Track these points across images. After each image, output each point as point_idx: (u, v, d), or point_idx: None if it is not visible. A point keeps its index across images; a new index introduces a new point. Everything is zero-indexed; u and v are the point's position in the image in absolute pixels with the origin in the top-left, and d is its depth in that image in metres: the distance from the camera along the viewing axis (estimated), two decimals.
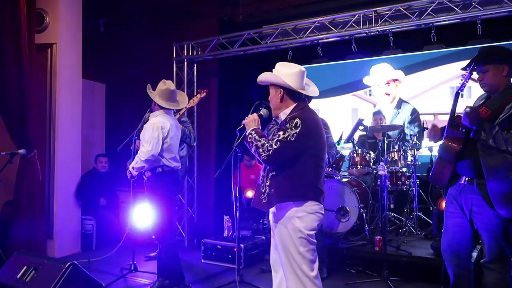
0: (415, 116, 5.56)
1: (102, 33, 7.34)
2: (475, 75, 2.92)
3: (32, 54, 5.05)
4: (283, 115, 2.85)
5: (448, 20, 5.06)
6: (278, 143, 2.64)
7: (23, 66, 4.84)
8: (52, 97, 5.49)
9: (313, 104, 6.07)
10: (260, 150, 2.67)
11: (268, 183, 2.77)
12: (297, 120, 2.66)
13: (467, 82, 2.84)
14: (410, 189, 5.05)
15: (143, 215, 4.81)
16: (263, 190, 2.79)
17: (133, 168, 3.91)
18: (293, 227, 2.69)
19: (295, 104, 2.83)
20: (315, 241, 2.76)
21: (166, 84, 4.00)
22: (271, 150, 2.63)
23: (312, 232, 2.73)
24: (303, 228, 2.68)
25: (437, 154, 3.03)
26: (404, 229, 4.97)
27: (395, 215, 5.22)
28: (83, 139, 5.97)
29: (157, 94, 3.98)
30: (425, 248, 4.40)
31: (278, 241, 2.79)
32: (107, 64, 7.58)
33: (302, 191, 2.71)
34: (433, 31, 5.08)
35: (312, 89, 3.00)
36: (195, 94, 6.47)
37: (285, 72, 2.80)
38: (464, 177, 2.86)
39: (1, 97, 4.90)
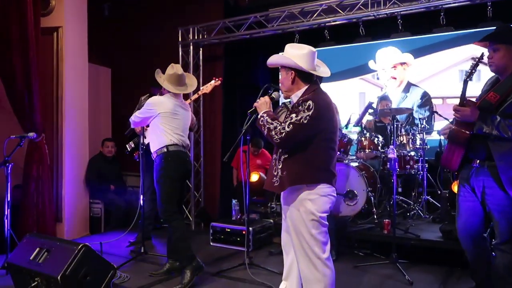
0: (425, 100, 5.52)
1: (107, 17, 7.30)
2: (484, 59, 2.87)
3: (38, 38, 5.02)
4: (294, 97, 2.83)
5: (458, 2, 4.97)
6: (291, 125, 2.62)
7: (29, 50, 4.80)
8: (58, 81, 5.48)
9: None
10: (273, 132, 2.66)
11: (280, 166, 2.77)
12: (310, 102, 2.65)
13: (475, 71, 2.82)
14: (419, 172, 5.04)
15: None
16: (275, 173, 2.79)
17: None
18: (305, 210, 2.69)
19: (307, 86, 2.81)
20: (327, 223, 2.77)
21: (174, 69, 3.98)
22: (284, 133, 2.63)
23: (324, 215, 2.73)
24: (315, 210, 2.68)
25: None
26: (412, 213, 4.98)
27: (403, 198, 5.23)
28: (89, 123, 5.97)
29: (165, 79, 3.96)
30: (433, 232, 4.41)
31: (290, 223, 2.80)
32: (112, 48, 7.55)
33: (314, 174, 2.71)
34: (442, 14, 5.01)
35: (323, 70, 2.98)
36: (200, 78, 6.46)
37: (296, 54, 2.78)
38: (475, 160, 2.87)
39: (8, 81, 4.88)
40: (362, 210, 4.90)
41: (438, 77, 5.70)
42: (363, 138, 5.00)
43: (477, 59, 2.81)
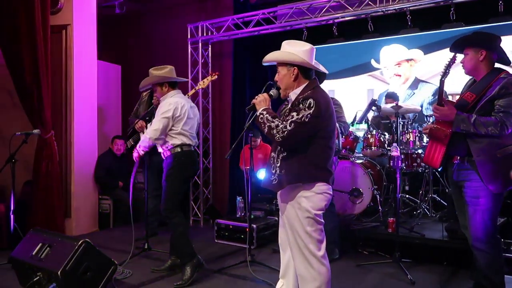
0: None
1: (118, 14, 7.35)
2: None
3: (47, 36, 5.11)
4: (293, 94, 2.80)
5: None
6: (293, 124, 2.59)
7: (37, 48, 4.88)
8: (67, 79, 5.56)
9: (328, 85, 6.12)
10: (274, 131, 2.63)
11: (278, 164, 2.75)
12: (311, 100, 2.61)
13: (449, 71, 2.98)
14: (426, 171, 4.97)
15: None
16: (274, 171, 2.78)
17: (139, 147, 3.91)
18: (300, 207, 2.68)
19: (306, 83, 2.78)
20: (322, 221, 2.75)
21: (165, 67, 4.03)
22: (286, 132, 2.59)
23: (320, 212, 2.71)
24: (310, 208, 2.66)
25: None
26: (419, 211, 4.91)
27: (409, 197, 5.16)
28: (99, 121, 6.05)
29: (169, 74, 3.97)
30: (439, 231, 4.34)
31: (286, 220, 2.79)
32: (122, 45, 7.63)
33: (312, 173, 2.68)
34: (452, 9, 4.92)
35: (321, 67, 2.96)
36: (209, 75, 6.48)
37: (298, 50, 2.75)
38: (456, 157, 2.99)
39: (18, 79, 4.98)
40: (367, 208, 4.86)
41: (455, 72, 5.56)
42: (369, 136, 4.94)
43: (449, 60, 2.97)
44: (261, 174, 5.66)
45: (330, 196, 2.77)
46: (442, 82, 2.99)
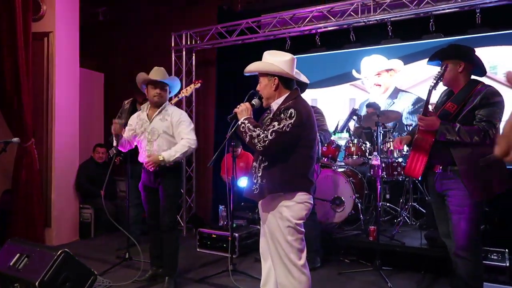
0: (419, 106, 5.51)
1: (101, 22, 7.33)
2: None
3: (28, 43, 5.06)
4: (275, 104, 2.83)
5: (447, 8, 5.01)
6: (274, 133, 2.62)
7: (18, 55, 4.84)
8: (49, 86, 5.50)
9: (311, 94, 6.17)
10: (255, 140, 2.65)
11: (260, 174, 2.77)
12: (292, 110, 2.64)
13: (440, 81, 3.01)
14: (406, 179, 5.03)
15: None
16: (255, 181, 2.79)
17: (175, 156, 3.68)
18: (281, 216, 2.69)
19: (288, 93, 2.81)
20: (303, 230, 2.77)
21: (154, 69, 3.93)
22: (267, 141, 2.61)
23: (300, 221, 2.73)
24: (291, 217, 2.68)
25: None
26: (399, 219, 4.97)
27: (390, 205, 5.21)
28: (81, 129, 5.98)
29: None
30: (419, 238, 4.39)
31: (267, 230, 2.80)
32: (106, 53, 7.59)
33: (293, 182, 2.71)
34: (431, 20, 5.03)
35: (302, 77, 3.00)
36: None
37: (279, 60, 2.78)
38: (438, 166, 3.03)
39: None
40: (349, 216, 4.90)
41: (428, 83, 5.66)
42: (351, 145, 5.00)
43: (442, 71, 3.00)
44: (242, 183, 5.67)
45: (311, 205, 2.79)
46: (430, 92, 3.02)
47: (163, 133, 3.77)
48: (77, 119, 5.86)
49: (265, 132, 2.64)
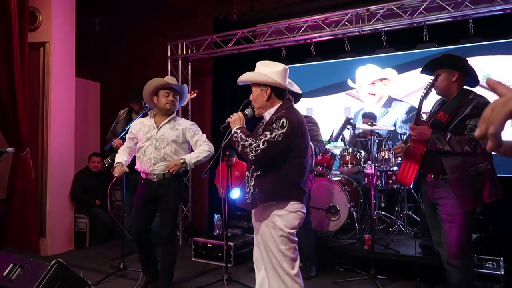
0: (412, 115, 5.53)
1: (98, 31, 7.36)
2: None
3: (24, 53, 5.07)
4: (267, 114, 2.85)
5: (440, 18, 5.08)
6: (266, 143, 2.64)
7: (13, 65, 4.84)
8: (45, 96, 5.51)
9: (306, 103, 6.20)
10: (248, 150, 2.67)
11: (252, 183, 2.78)
12: (284, 120, 2.67)
13: (431, 91, 3.06)
14: (402, 188, 5.04)
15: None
16: (248, 190, 2.81)
17: (197, 160, 3.76)
18: (274, 226, 2.70)
19: (280, 103, 2.84)
20: (296, 239, 2.77)
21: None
22: (259, 150, 2.64)
23: (293, 231, 2.74)
24: (283, 226, 2.69)
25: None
26: (394, 228, 4.97)
27: (385, 213, 5.22)
28: (77, 138, 5.99)
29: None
30: (414, 247, 4.38)
31: (260, 239, 2.81)
32: (102, 62, 7.61)
33: (285, 191, 2.72)
34: (425, 30, 5.08)
35: (295, 87, 3.03)
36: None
37: (271, 71, 2.81)
38: (430, 175, 3.05)
39: None
40: (344, 225, 4.90)
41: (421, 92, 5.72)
42: (345, 153, 5.02)
43: (432, 81, 3.05)
44: (235, 194, 5.66)
45: (304, 214, 2.80)
46: (421, 102, 3.06)
47: (173, 142, 3.74)
48: (73, 129, 5.86)
49: (257, 141, 2.66)
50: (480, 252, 4.24)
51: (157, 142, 3.72)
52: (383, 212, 5.20)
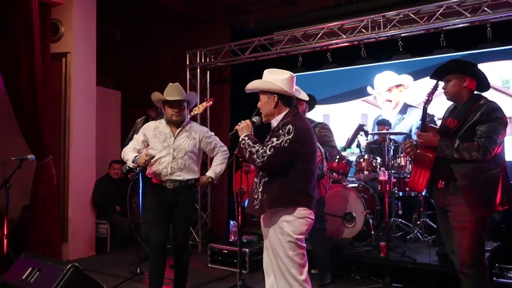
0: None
1: (118, 41, 7.54)
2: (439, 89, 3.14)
3: (47, 63, 5.26)
4: (274, 121, 2.89)
5: (457, 24, 5.01)
6: (272, 149, 2.68)
7: (36, 75, 5.01)
8: (66, 105, 5.67)
9: (323, 109, 6.20)
10: (255, 156, 2.71)
11: (260, 189, 2.81)
12: (290, 126, 2.71)
13: (432, 99, 3.07)
14: (419, 195, 4.98)
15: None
16: (256, 196, 2.84)
17: (221, 172, 3.96)
18: (282, 231, 2.72)
19: (287, 111, 2.87)
20: (304, 245, 2.78)
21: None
22: (266, 156, 2.68)
23: (301, 237, 2.75)
24: (291, 232, 2.70)
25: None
26: (411, 235, 4.91)
27: (402, 221, 5.16)
28: (98, 145, 6.12)
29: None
30: (431, 255, 4.33)
31: (269, 245, 2.83)
32: (122, 72, 7.79)
33: (293, 197, 2.74)
34: (442, 35, 5.03)
35: (302, 94, 3.06)
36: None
37: (278, 78, 2.85)
38: (440, 181, 3.02)
39: (16, 106, 5.08)
40: (361, 232, 4.87)
41: (439, 98, 5.63)
42: (361, 160, 4.99)
43: (432, 88, 3.07)
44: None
45: (312, 220, 2.81)
46: (425, 109, 3.07)
47: (190, 152, 3.72)
48: (94, 136, 6.01)
49: (264, 148, 2.70)
50: (501, 261, 4.15)
51: (175, 152, 3.68)
52: (400, 220, 5.14)
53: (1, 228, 4.90)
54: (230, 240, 5.22)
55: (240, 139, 2.89)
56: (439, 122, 3.38)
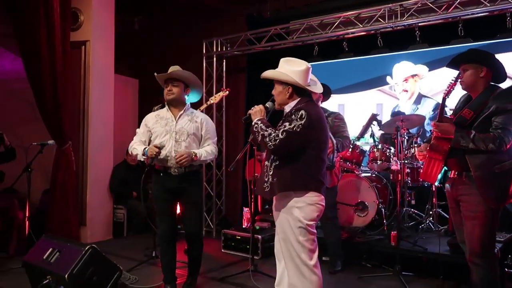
0: (437, 112, 5.44)
1: (136, 30, 7.63)
2: None
3: (67, 51, 5.37)
4: (287, 107, 2.96)
5: (476, 13, 4.93)
6: (285, 133, 2.74)
7: (56, 63, 5.14)
8: (85, 92, 5.81)
9: (338, 99, 6.20)
10: (267, 139, 2.77)
11: (271, 173, 2.88)
12: (303, 112, 2.76)
13: (453, 89, 3.02)
14: (432, 185, 4.97)
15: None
16: (266, 179, 2.90)
17: (206, 158, 3.72)
18: (293, 217, 2.78)
19: (300, 98, 2.92)
20: (314, 231, 2.84)
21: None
22: (278, 140, 2.73)
23: (312, 223, 2.81)
24: (302, 218, 2.76)
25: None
26: (424, 225, 4.92)
27: (415, 211, 5.17)
28: (116, 132, 6.25)
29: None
30: (442, 245, 4.35)
31: (280, 230, 2.89)
32: (140, 60, 7.89)
33: (303, 182, 2.80)
34: (460, 25, 4.97)
35: (318, 85, 3.09)
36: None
37: (293, 70, 2.89)
38: (454, 172, 3.02)
39: (37, 93, 5.23)
40: (373, 221, 4.90)
41: (456, 89, 5.59)
42: (375, 150, 5.01)
43: (455, 79, 3.02)
44: None
45: (322, 207, 2.86)
46: (444, 100, 3.05)
47: (192, 134, 3.68)
48: (112, 123, 6.14)
49: (277, 131, 2.75)
50: None
51: (177, 135, 3.64)
52: (412, 209, 5.15)
53: (23, 211, 5.08)
54: (243, 226, 5.31)
55: (253, 123, 2.95)
56: (449, 113, 3.37)
